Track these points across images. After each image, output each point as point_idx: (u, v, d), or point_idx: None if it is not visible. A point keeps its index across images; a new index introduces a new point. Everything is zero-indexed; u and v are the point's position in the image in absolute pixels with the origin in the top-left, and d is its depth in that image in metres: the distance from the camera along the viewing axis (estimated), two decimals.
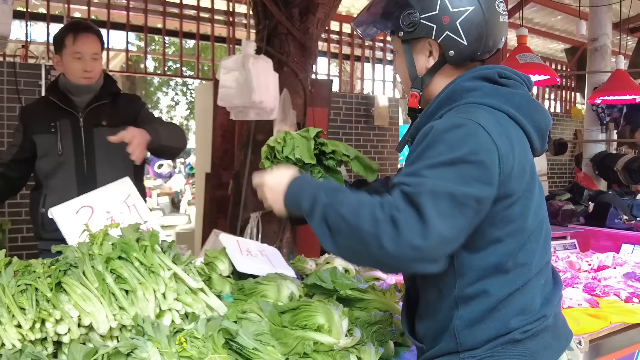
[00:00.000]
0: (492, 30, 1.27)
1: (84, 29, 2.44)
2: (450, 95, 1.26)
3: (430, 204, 1.06)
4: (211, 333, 1.39)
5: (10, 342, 1.32)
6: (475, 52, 1.28)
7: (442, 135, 1.13)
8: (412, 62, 1.33)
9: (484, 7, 1.25)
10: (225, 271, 1.96)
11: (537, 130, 1.28)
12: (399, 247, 1.06)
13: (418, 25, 1.27)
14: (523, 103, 1.26)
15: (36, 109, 2.57)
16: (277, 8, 3.78)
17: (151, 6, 5.98)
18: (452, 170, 1.09)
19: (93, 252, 1.59)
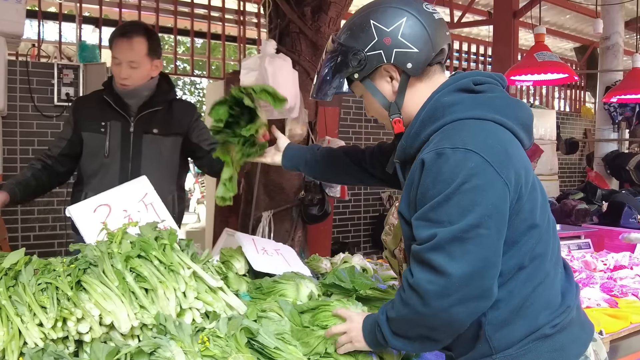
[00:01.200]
0: (432, 29, 1.29)
1: (123, 34, 2.36)
2: (432, 114, 1.27)
3: (439, 255, 1.14)
4: (233, 332, 1.38)
5: (32, 341, 1.31)
6: (429, 55, 1.29)
7: (437, 173, 1.17)
8: (380, 93, 1.36)
9: (414, 14, 1.28)
10: (242, 270, 1.95)
11: (523, 127, 1.30)
12: (429, 305, 1.15)
13: (366, 59, 1.30)
14: (503, 105, 1.28)
15: (90, 105, 2.51)
16: (288, 7, 3.76)
17: (162, 5, 6.00)
18: (451, 205, 1.14)
19: (112, 250, 1.58)
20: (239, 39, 6.51)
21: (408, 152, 1.33)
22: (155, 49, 2.43)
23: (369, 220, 6.85)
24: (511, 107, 1.28)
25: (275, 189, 3.93)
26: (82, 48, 5.04)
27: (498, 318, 1.23)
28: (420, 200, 1.21)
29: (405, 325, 1.23)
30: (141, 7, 5.85)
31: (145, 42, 2.37)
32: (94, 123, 2.43)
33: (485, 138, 1.19)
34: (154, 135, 2.44)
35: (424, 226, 1.17)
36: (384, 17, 1.28)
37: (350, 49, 1.31)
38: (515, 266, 1.23)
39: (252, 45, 6.89)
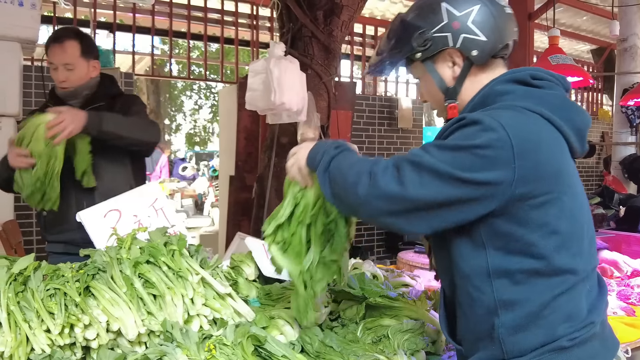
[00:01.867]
0: (501, 21, 1.28)
1: (55, 40, 2.39)
2: (483, 100, 1.27)
3: (412, 172, 1.16)
4: (240, 340, 1.37)
5: (39, 347, 1.31)
6: (496, 46, 1.29)
7: (463, 126, 1.18)
8: (440, 76, 1.34)
9: (487, 3, 1.28)
10: (252, 275, 1.94)
11: (576, 131, 1.26)
12: (369, 194, 1.18)
13: (432, 40, 1.29)
14: (558, 104, 1.24)
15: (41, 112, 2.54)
16: (301, 11, 3.76)
17: (176, 10, 6.03)
18: (452, 154, 1.15)
19: (121, 256, 1.58)
20: (252, 43, 6.52)
21: None
22: (88, 50, 2.45)
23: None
24: (566, 108, 1.26)
25: None
26: None
27: (512, 321, 1.20)
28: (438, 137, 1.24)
29: (340, 180, 1.26)
30: (155, 12, 5.89)
31: (77, 45, 2.41)
32: None
33: (522, 124, 1.17)
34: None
35: (420, 150, 1.20)
36: (456, 1, 1.28)
37: (417, 28, 1.30)
38: (532, 269, 1.19)
39: (265, 49, 6.90)
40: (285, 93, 3.16)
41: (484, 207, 1.16)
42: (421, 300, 1.72)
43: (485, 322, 1.23)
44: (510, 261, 1.20)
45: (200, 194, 12.16)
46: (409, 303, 1.69)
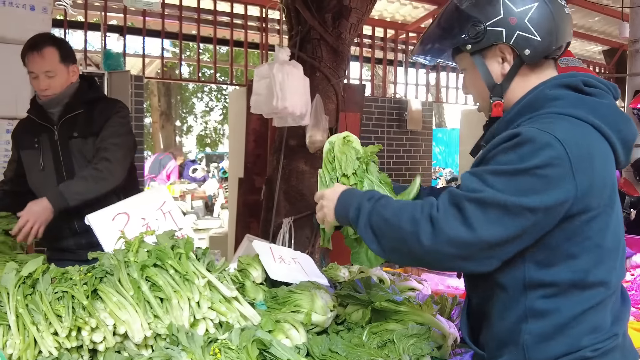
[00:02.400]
0: (559, 22, 1.24)
1: (32, 48, 2.37)
2: (532, 103, 1.23)
3: (477, 210, 1.10)
4: (245, 344, 1.37)
5: (47, 350, 1.33)
6: (549, 47, 1.25)
7: (518, 145, 1.13)
8: (488, 71, 1.29)
9: (548, 2, 1.23)
10: (259, 278, 1.94)
11: (623, 143, 1.23)
12: (436, 242, 1.12)
13: (485, 33, 1.24)
14: (609, 114, 1.21)
15: (23, 125, 2.55)
16: (309, 13, 3.77)
17: (186, 13, 6.06)
18: (513, 181, 1.11)
19: (129, 259, 1.59)
20: (261, 45, 6.54)
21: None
22: (67, 55, 2.43)
23: None
24: (616, 118, 1.22)
25: (296, 195, 3.93)
26: (107, 56, 5.12)
27: (540, 330, 1.19)
28: (487, 156, 1.18)
29: (390, 231, 1.20)
30: (165, 16, 5.92)
31: (56, 51, 2.39)
32: (28, 140, 2.46)
33: (577, 137, 1.14)
34: (75, 139, 2.42)
35: (477, 181, 1.14)
36: None
37: (471, 18, 1.25)
38: (569, 282, 1.18)
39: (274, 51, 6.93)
40: (287, 98, 3.18)
41: (549, 226, 1.14)
42: (427, 304, 1.72)
43: (513, 329, 1.22)
44: (547, 274, 1.18)
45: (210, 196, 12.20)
46: (415, 307, 1.69)
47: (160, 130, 16.57)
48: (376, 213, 1.22)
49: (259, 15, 6.50)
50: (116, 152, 2.40)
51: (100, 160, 2.35)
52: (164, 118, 17.04)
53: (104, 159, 2.36)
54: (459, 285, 2.43)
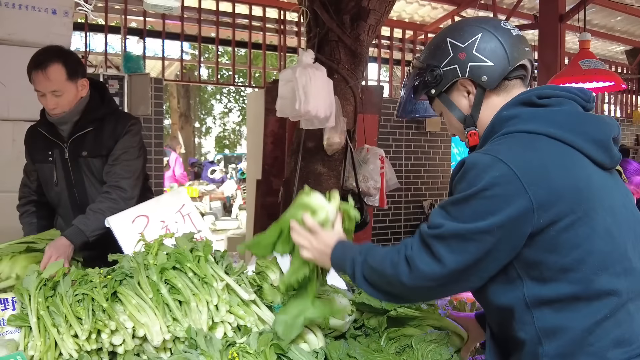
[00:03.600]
0: (508, 44, 1.30)
1: (37, 67, 2.22)
2: (492, 128, 1.29)
3: (441, 245, 1.18)
4: (263, 348, 1.37)
5: (67, 352, 1.34)
6: (505, 68, 1.30)
7: (465, 173, 1.20)
8: (456, 107, 1.37)
9: (490, 29, 1.30)
10: (277, 281, 1.93)
11: (594, 142, 1.22)
12: (415, 280, 1.22)
13: (442, 74, 1.34)
14: (568, 119, 1.23)
15: (35, 135, 2.45)
16: (328, 15, 3.76)
17: (205, 16, 6.10)
18: (467, 207, 1.17)
19: (148, 262, 1.61)
20: (280, 48, 6.55)
21: None
22: (75, 71, 2.29)
23: (410, 229, 6.77)
24: (578, 122, 1.23)
25: None
26: (127, 59, 5.17)
27: (556, 350, 1.16)
28: (451, 188, 1.26)
29: (379, 278, 1.29)
30: (184, 18, 5.97)
31: (62, 68, 2.24)
32: (41, 154, 2.40)
33: (523, 151, 1.17)
34: (84, 158, 2.36)
35: (438, 213, 1.23)
36: (460, 35, 1.32)
37: (428, 67, 1.36)
38: (570, 295, 1.15)
39: (292, 53, 6.93)
40: (310, 101, 3.16)
41: (517, 242, 1.16)
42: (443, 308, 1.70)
43: (531, 353, 1.20)
44: (546, 289, 1.17)
45: (229, 197, 12.27)
46: (432, 312, 1.67)
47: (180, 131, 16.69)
48: (366, 264, 1.31)
49: (277, 17, 6.52)
50: (129, 178, 2.33)
51: (114, 189, 2.28)
52: (183, 119, 17.17)
53: (118, 187, 2.29)
54: None
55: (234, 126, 22.28)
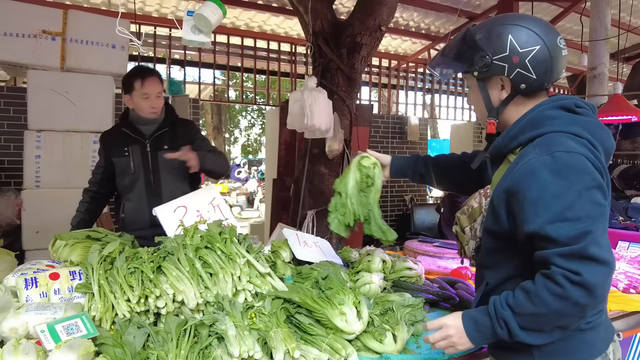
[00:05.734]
0: (556, 63, 1.18)
1: (148, 74, 2.38)
2: (533, 121, 1.17)
3: (597, 250, 1.01)
4: (275, 310, 1.37)
5: (122, 313, 1.34)
6: (543, 84, 1.19)
7: (554, 170, 1.05)
8: (488, 96, 1.24)
9: (548, 45, 1.16)
10: (287, 258, 1.94)
11: (605, 152, 1.18)
12: (595, 296, 1.02)
13: (491, 65, 1.19)
14: (596, 129, 1.17)
15: (112, 135, 2.54)
16: (329, 49, 3.75)
17: (232, 49, 6.11)
18: (585, 200, 1.03)
19: (186, 242, 1.61)
20: (291, 74, 6.56)
21: (501, 151, 1.22)
22: (162, 83, 2.48)
23: (394, 218, 6.75)
24: (601, 132, 1.18)
25: (317, 192, 3.92)
26: (171, 83, 5.18)
27: None
28: (539, 200, 1.05)
29: (545, 320, 1.05)
30: (216, 52, 5.98)
31: (159, 78, 2.43)
32: (118, 149, 2.45)
33: (585, 149, 1.11)
34: (165, 151, 2.41)
35: (564, 226, 1.02)
36: (522, 37, 1.16)
37: (481, 50, 1.19)
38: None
39: (301, 79, 6.93)
40: (315, 117, 3.18)
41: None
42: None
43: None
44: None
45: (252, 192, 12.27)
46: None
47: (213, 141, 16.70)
48: (520, 316, 1.07)
49: (290, 50, 6.52)
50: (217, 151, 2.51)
51: (216, 152, 2.49)
52: (215, 132, 17.17)
53: (218, 152, 2.50)
54: (447, 265, 2.39)
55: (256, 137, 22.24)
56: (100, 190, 2.55)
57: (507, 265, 1.18)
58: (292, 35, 6.39)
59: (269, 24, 6.10)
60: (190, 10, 2.14)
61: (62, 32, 3.33)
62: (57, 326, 1.21)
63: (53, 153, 3.34)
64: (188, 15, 2.16)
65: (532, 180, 1.06)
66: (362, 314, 1.35)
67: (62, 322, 1.23)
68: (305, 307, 1.39)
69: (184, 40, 2.21)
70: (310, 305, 1.37)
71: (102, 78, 3.47)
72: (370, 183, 1.55)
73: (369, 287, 1.72)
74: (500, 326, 1.09)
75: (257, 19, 5.95)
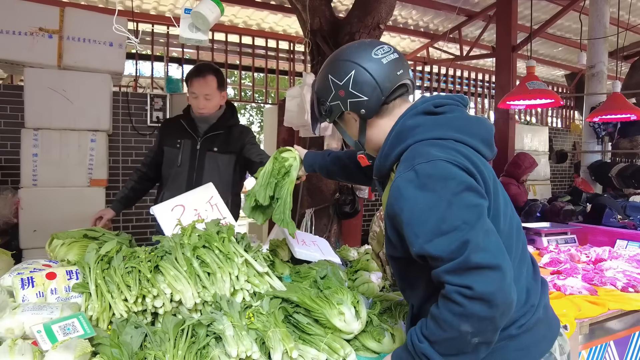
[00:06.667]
0: (380, 75, 1.16)
1: (198, 74, 2.38)
2: (398, 136, 1.15)
3: (483, 256, 0.95)
4: (273, 310, 1.37)
5: (119, 313, 1.34)
6: (379, 98, 1.17)
7: (420, 183, 1.01)
8: (346, 133, 1.28)
9: (361, 64, 1.16)
10: (285, 257, 1.94)
11: (483, 141, 1.15)
12: (497, 306, 0.94)
13: (330, 108, 1.23)
14: (462, 124, 1.14)
15: (171, 125, 2.57)
16: (327, 46, 3.74)
17: (230, 47, 6.09)
18: (457, 207, 0.98)
19: (183, 241, 1.60)
20: (290, 72, 6.54)
21: (382, 171, 1.21)
22: (222, 83, 2.46)
23: None
24: (470, 125, 1.14)
25: (315, 191, 3.92)
26: (169, 81, 5.17)
27: None
28: (412, 219, 1.01)
29: (461, 341, 0.97)
30: (214, 49, 5.96)
31: (215, 79, 2.41)
32: (172, 140, 2.50)
33: (449, 152, 1.06)
34: (214, 153, 2.46)
35: (442, 241, 0.97)
36: (337, 72, 1.19)
37: (319, 99, 1.25)
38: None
39: (300, 77, 6.90)
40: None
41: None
42: None
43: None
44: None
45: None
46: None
47: None
48: (437, 345, 1.00)
49: (288, 48, 6.51)
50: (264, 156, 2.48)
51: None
52: None
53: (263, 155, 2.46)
54: None
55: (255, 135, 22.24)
56: (148, 172, 2.59)
57: (421, 284, 1.12)
58: (291, 33, 6.37)
59: (267, 22, 6.09)
60: (188, 7, 2.13)
61: (59, 29, 3.31)
62: (53, 326, 1.20)
63: (50, 151, 3.33)
64: (185, 12, 2.15)
65: (402, 201, 1.02)
66: (361, 313, 1.35)
67: (59, 322, 1.22)
68: (303, 307, 1.39)
69: (181, 38, 2.20)
70: (308, 304, 1.37)
71: (100, 76, 3.45)
72: (284, 173, 1.60)
73: (368, 286, 1.71)
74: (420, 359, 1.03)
75: (255, 17, 5.93)
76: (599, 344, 1.79)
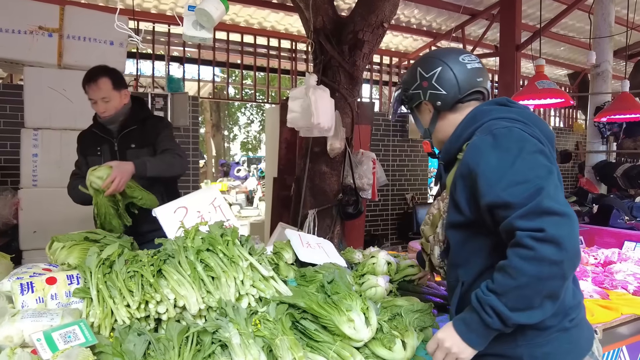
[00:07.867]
0: (462, 77, 1.31)
1: (89, 80, 2.35)
2: (472, 117, 1.27)
3: (553, 203, 1.01)
4: (280, 316, 1.33)
5: (121, 319, 1.30)
6: (456, 96, 1.32)
7: (497, 144, 1.12)
8: (419, 120, 1.43)
9: (449, 64, 1.32)
10: (290, 259, 1.90)
11: (547, 138, 1.24)
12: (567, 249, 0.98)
13: (411, 96, 1.39)
14: (532, 117, 1.25)
15: (87, 136, 2.54)
16: (330, 46, 3.70)
17: (232, 46, 6.06)
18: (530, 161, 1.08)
19: (187, 244, 1.57)
20: (292, 72, 6.50)
21: (451, 152, 1.31)
22: (118, 83, 2.39)
23: (395, 216, 6.72)
24: (537, 120, 1.26)
25: (319, 191, 3.88)
26: (170, 81, 5.13)
27: None
28: (488, 171, 1.09)
29: (530, 291, 1.00)
30: (215, 48, 5.92)
31: (108, 80, 2.35)
32: (91, 149, 2.47)
33: (524, 127, 1.19)
34: (133, 149, 2.41)
35: (517, 189, 1.04)
36: (426, 66, 1.35)
37: (403, 87, 1.42)
38: None
39: (302, 76, 6.87)
40: (321, 115, 3.14)
41: None
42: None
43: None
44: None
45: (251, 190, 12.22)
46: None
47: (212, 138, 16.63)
48: (505, 297, 1.02)
49: (290, 47, 6.47)
50: (178, 150, 2.40)
51: (168, 150, 2.36)
52: (214, 129, 17.09)
53: (170, 149, 2.37)
54: None
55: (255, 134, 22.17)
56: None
57: (478, 257, 1.19)
58: (293, 32, 6.33)
59: (269, 21, 6.04)
60: (192, 5, 2.09)
61: (59, 28, 3.28)
62: (54, 334, 1.16)
63: (50, 151, 3.29)
64: (189, 10, 2.11)
65: (479, 157, 1.13)
66: (371, 320, 1.31)
67: (59, 329, 1.18)
68: (310, 313, 1.35)
69: (184, 36, 2.16)
70: (316, 311, 1.33)
71: None
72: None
73: (375, 290, 1.67)
74: (489, 315, 1.04)
75: (257, 16, 5.89)
76: (611, 349, 1.75)
